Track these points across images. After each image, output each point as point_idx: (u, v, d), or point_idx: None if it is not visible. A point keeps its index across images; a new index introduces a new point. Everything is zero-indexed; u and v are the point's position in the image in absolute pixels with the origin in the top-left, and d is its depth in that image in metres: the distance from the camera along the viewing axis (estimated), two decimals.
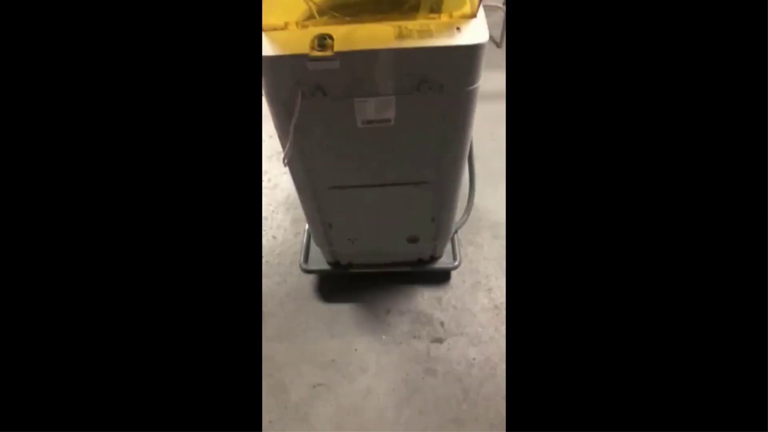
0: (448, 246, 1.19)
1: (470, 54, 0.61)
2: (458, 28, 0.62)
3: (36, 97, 0.29)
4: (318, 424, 1.01)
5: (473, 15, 0.63)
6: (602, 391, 0.33)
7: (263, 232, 1.35)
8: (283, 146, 0.75)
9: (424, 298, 1.20)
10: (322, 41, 0.60)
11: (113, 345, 0.32)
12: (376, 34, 0.62)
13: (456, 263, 1.18)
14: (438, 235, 1.05)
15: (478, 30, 0.62)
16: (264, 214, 1.40)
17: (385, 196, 0.89)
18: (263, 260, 1.29)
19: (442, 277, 1.23)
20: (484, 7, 0.66)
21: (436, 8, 0.67)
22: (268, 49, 0.62)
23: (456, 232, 1.20)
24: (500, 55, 1.83)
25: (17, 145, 0.29)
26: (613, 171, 0.32)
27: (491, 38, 1.96)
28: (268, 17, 0.64)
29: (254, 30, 0.38)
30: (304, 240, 1.20)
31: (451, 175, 0.85)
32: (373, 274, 1.19)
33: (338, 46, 0.60)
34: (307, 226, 1.17)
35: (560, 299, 0.34)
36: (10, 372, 0.29)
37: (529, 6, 0.33)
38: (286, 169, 0.82)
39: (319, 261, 1.17)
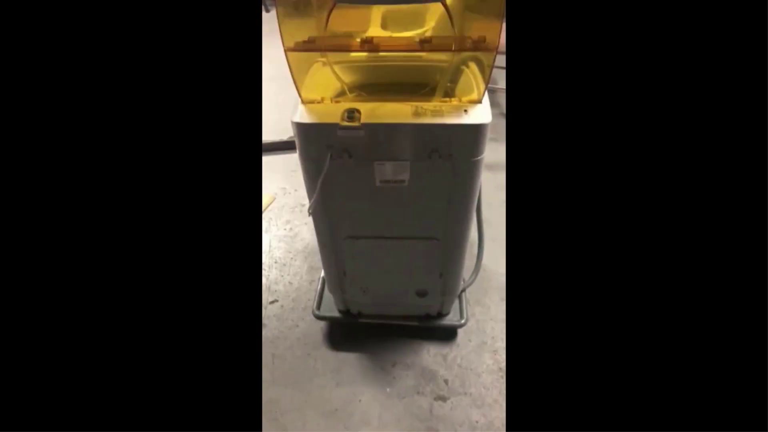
0: (456, 304, 1.23)
1: (475, 131, 0.72)
2: (466, 110, 0.73)
3: (35, 98, 0.29)
4: None
5: (479, 100, 0.76)
6: (603, 405, 0.33)
7: (280, 278, 1.43)
8: (310, 198, 0.85)
9: (430, 354, 1.22)
10: (351, 114, 0.73)
11: (115, 349, 0.32)
12: (396, 111, 0.74)
13: (463, 321, 1.21)
14: (446, 291, 1.10)
15: (482, 112, 0.73)
16: (283, 261, 1.49)
17: (397, 248, 0.97)
18: (278, 304, 1.35)
19: (448, 334, 1.25)
20: (500, 90, 0.78)
21: (450, 93, 0.80)
22: (305, 117, 0.75)
23: (464, 290, 1.25)
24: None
25: (16, 144, 0.28)
26: (610, 232, 0.32)
27: (505, 117, 2.14)
28: (308, 93, 0.78)
29: (254, 106, 0.40)
30: (319, 287, 1.27)
31: (457, 233, 0.93)
32: (382, 325, 1.23)
33: (364, 119, 0.73)
34: (322, 274, 1.24)
35: (560, 338, 0.34)
36: (10, 372, 0.29)
37: (525, 87, 0.36)
38: (306, 220, 0.92)
39: (331, 308, 1.23)
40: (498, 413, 1.09)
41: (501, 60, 2.08)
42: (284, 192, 1.75)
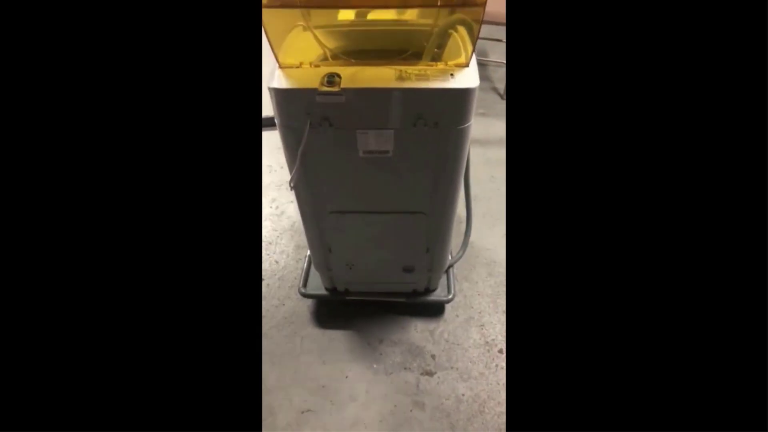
0: (444, 280, 1.22)
1: (461, 96, 0.69)
2: (452, 74, 0.70)
3: (35, 101, 0.29)
4: None
5: (466, 64, 0.72)
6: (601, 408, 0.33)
7: (266, 257, 1.40)
8: (291, 170, 0.82)
9: (417, 329, 1.21)
10: (331, 78, 0.69)
11: (113, 348, 0.32)
12: (379, 75, 0.70)
13: (450, 296, 1.20)
14: (433, 266, 1.09)
15: (469, 77, 0.70)
16: (269, 239, 1.46)
17: (383, 223, 0.95)
18: (264, 283, 1.33)
19: (435, 310, 1.25)
20: (492, 63, 0.75)
21: (436, 58, 0.77)
22: (283, 83, 0.71)
23: (451, 266, 1.24)
24: (502, 105, 1.95)
25: (16, 145, 0.29)
26: (610, 214, 0.32)
27: (496, 90, 2.10)
28: (286, 58, 0.74)
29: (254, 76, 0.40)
30: (305, 266, 1.25)
31: (444, 207, 0.91)
32: (369, 302, 1.21)
33: (345, 84, 0.69)
34: (308, 252, 1.22)
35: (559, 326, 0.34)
36: (10, 372, 0.29)
37: (527, 62, 0.34)
38: (293, 198, 0.89)
39: (318, 287, 1.21)
40: (484, 386, 1.10)
41: (495, 32, 2.03)
42: (270, 170, 1.71)
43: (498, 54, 2.23)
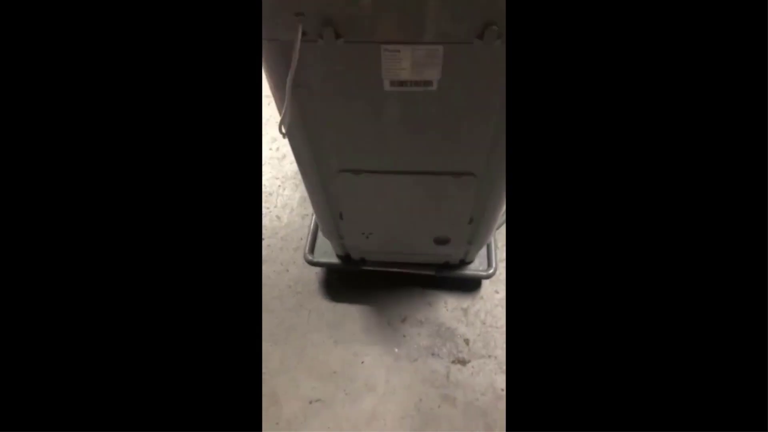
0: (483, 249, 0.98)
1: None
2: None
3: (33, 100, 0.29)
4: None
5: None
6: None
7: (266, 211, 1.17)
8: (280, 110, 0.54)
9: (448, 308, 1.00)
10: None
11: (107, 341, 0.32)
12: None
13: (491, 271, 0.97)
14: (474, 240, 0.84)
15: None
16: (269, 189, 1.21)
17: (413, 188, 0.68)
18: (264, 243, 1.11)
19: (471, 285, 1.02)
20: None
21: None
22: None
23: (492, 240, 0.98)
24: None
25: (14, 145, 0.29)
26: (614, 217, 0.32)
27: None
28: None
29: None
30: (311, 225, 1.01)
31: (502, 166, 0.63)
32: (390, 273, 0.99)
33: None
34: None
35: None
36: (9, 372, 0.30)
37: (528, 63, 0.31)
38: None
39: (328, 252, 0.99)
40: None
41: None
42: (268, 102, 1.40)
43: None
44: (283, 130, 0.55)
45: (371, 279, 1.01)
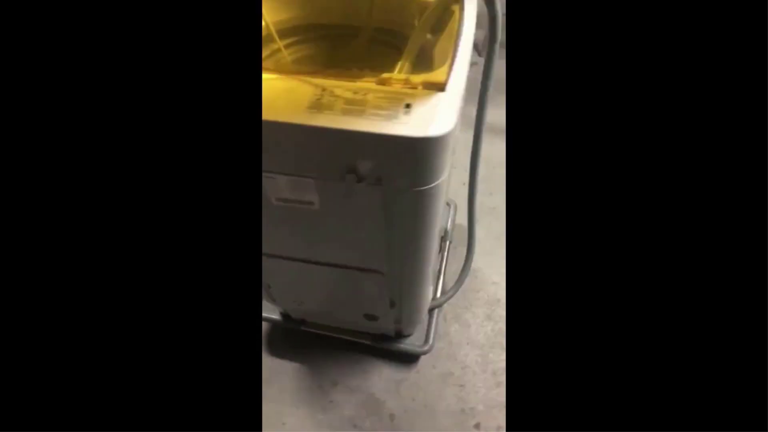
0: (426, 322, 0.98)
1: (417, 148, 0.40)
2: (408, 105, 0.40)
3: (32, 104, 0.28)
4: None
5: (441, 87, 0.42)
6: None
7: None
8: None
9: (382, 378, 1.00)
10: None
11: (106, 340, 0.31)
12: (292, 93, 0.43)
13: (425, 348, 0.97)
14: (400, 320, 0.85)
15: (437, 113, 0.40)
16: None
17: (329, 275, 0.70)
18: None
19: (409, 357, 1.02)
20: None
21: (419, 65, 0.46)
22: None
23: (437, 308, 0.99)
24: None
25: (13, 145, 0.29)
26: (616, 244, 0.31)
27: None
28: None
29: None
30: None
31: (408, 268, 0.64)
32: (330, 337, 1.01)
33: None
34: None
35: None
36: (8, 372, 0.30)
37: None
38: None
39: (272, 307, 1.02)
40: None
41: None
42: None
43: None
44: None
45: (312, 339, 1.03)
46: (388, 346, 0.98)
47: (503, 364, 1.01)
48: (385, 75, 0.42)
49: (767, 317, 0.29)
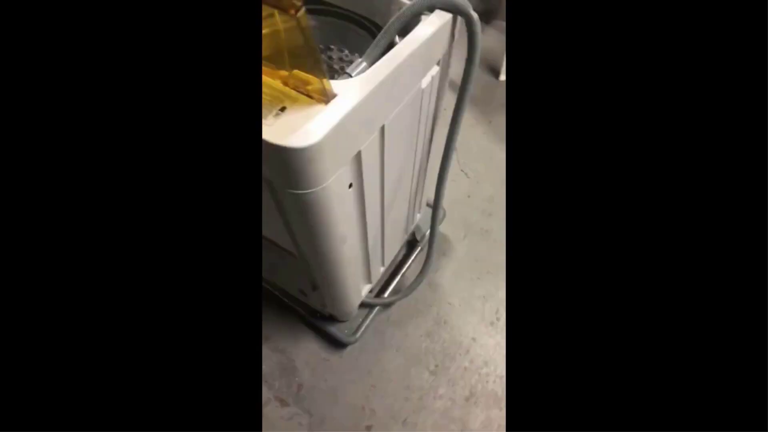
0: (363, 312, 1.01)
1: (273, 152, 0.41)
2: (282, 109, 0.42)
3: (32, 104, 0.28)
4: None
5: (324, 98, 0.42)
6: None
7: None
8: None
9: (308, 350, 1.06)
10: None
11: (105, 339, 0.31)
12: None
13: (351, 339, 1.00)
14: (326, 303, 0.88)
15: (305, 124, 0.41)
16: None
17: (265, 246, 0.75)
18: None
19: (335, 341, 1.06)
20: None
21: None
22: None
23: (373, 307, 1.01)
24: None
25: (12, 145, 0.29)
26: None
27: None
28: None
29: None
30: None
31: (315, 261, 0.67)
32: (276, 296, 1.07)
33: None
34: None
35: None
36: (7, 372, 0.29)
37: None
38: None
39: None
40: None
41: None
42: None
43: None
44: None
45: (264, 294, 1.09)
46: (320, 325, 1.02)
47: (420, 382, 1.01)
48: (284, 72, 0.44)
49: (767, 317, 0.29)
